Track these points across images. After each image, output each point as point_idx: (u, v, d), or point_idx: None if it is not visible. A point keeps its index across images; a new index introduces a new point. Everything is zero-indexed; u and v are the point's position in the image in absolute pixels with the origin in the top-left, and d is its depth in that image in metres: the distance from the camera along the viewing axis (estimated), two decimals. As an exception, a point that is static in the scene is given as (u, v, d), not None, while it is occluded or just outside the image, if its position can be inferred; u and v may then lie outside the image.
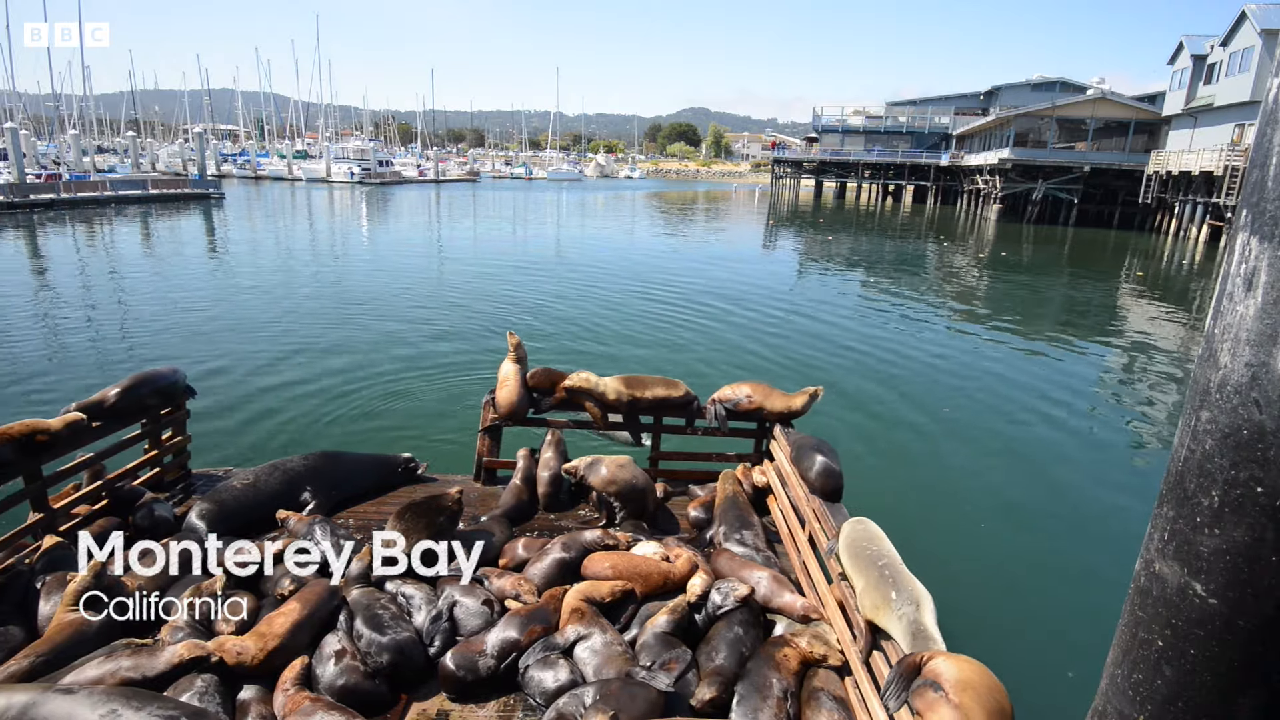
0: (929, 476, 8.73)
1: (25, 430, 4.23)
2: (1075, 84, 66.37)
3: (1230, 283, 1.43)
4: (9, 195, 36.70)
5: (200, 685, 3.24)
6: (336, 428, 9.36)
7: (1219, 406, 1.42)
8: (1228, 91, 37.59)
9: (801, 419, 5.93)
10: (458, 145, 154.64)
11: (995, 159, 52.03)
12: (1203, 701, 1.51)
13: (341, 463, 5.66)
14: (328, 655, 3.52)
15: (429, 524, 4.35)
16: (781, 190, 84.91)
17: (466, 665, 3.54)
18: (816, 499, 4.55)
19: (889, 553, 3.50)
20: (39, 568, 4.05)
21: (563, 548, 4.46)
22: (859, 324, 16.93)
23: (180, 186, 50.01)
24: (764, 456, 6.05)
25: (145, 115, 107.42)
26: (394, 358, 12.58)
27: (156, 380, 5.25)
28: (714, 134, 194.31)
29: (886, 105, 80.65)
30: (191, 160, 73.72)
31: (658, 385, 5.98)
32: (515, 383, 5.87)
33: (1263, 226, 1.35)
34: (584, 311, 16.90)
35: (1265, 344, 1.33)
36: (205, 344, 13.14)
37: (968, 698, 2.59)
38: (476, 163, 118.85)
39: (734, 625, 3.75)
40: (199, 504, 4.86)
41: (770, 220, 50.89)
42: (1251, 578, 1.39)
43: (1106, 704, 1.74)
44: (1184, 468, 1.51)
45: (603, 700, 3.16)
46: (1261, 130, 1.39)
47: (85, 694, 2.93)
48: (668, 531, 5.25)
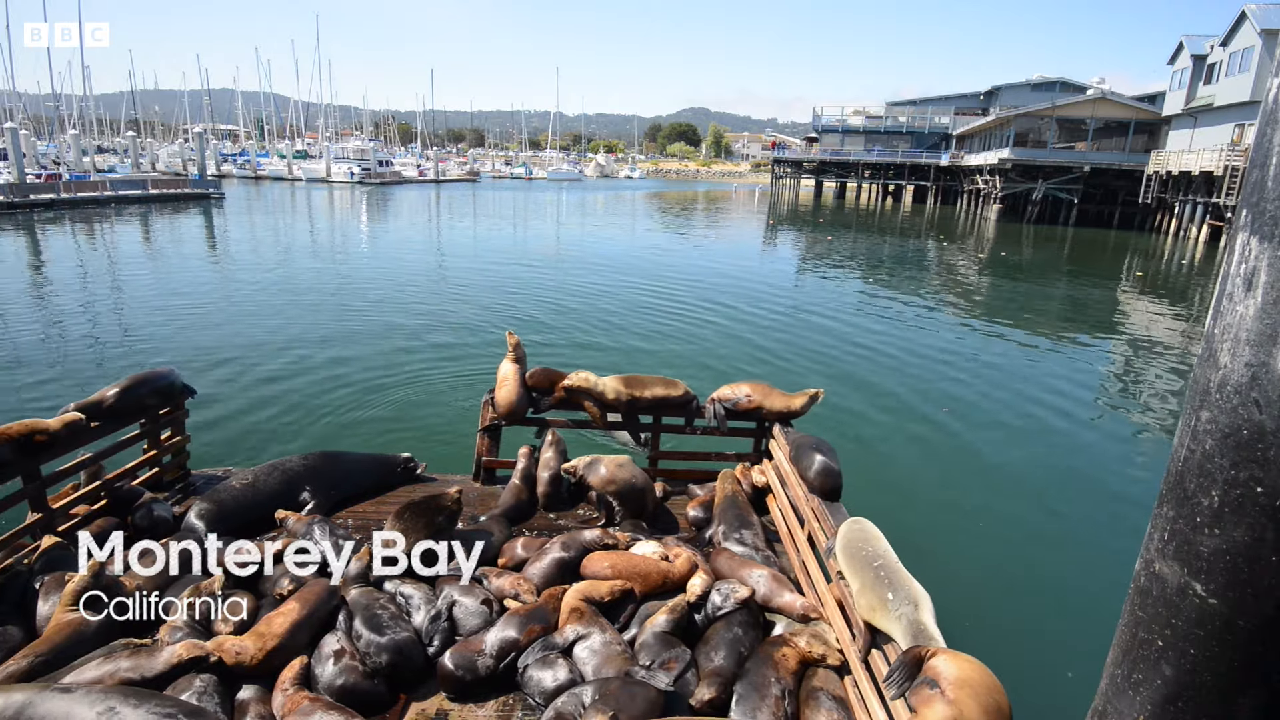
0: (929, 476, 8.72)
1: (24, 430, 4.22)
2: (1075, 84, 66.36)
3: (1230, 283, 1.43)
4: (9, 195, 36.69)
5: (199, 685, 3.23)
6: (335, 427, 9.36)
7: (1219, 406, 1.42)
8: (1228, 91, 37.59)
9: (801, 418, 5.93)
10: (458, 145, 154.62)
11: (995, 159, 52.03)
12: (1203, 701, 1.51)
13: (340, 462, 5.66)
14: (327, 655, 3.52)
15: (428, 523, 4.34)
16: (781, 190, 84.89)
17: (465, 665, 3.54)
18: (815, 498, 4.55)
19: (885, 553, 3.48)
20: (38, 568, 4.05)
21: (562, 547, 4.46)
22: (858, 323, 16.93)
23: (180, 186, 49.98)
24: (763, 456, 6.05)
25: (145, 115, 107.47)
26: (393, 357, 12.57)
27: (154, 380, 5.24)
28: (714, 134, 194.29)
29: (886, 105, 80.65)
30: (191, 160, 73.70)
31: (656, 385, 5.98)
32: (514, 382, 5.87)
33: (1263, 226, 1.35)
34: (584, 311, 16.89)
35: (1265, 344, 1.33)
36: (204, 344, 13.14)
37: (964, 695, 2.58)
38: (476, 163, 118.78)
39: (733, 625, 3.75)
40: (198, 504, 4.86)
41: (770, 220, 50.89)
42: (1251, 578, 1.39)
43: (1106, 704, 1.74)
44: (1184, 468, 1.51)
45: (602, 700, 3.15)
46: (1261, 130, 1.39)
47: (83, 692, 2.93)
48: (667, 531, 5.25)
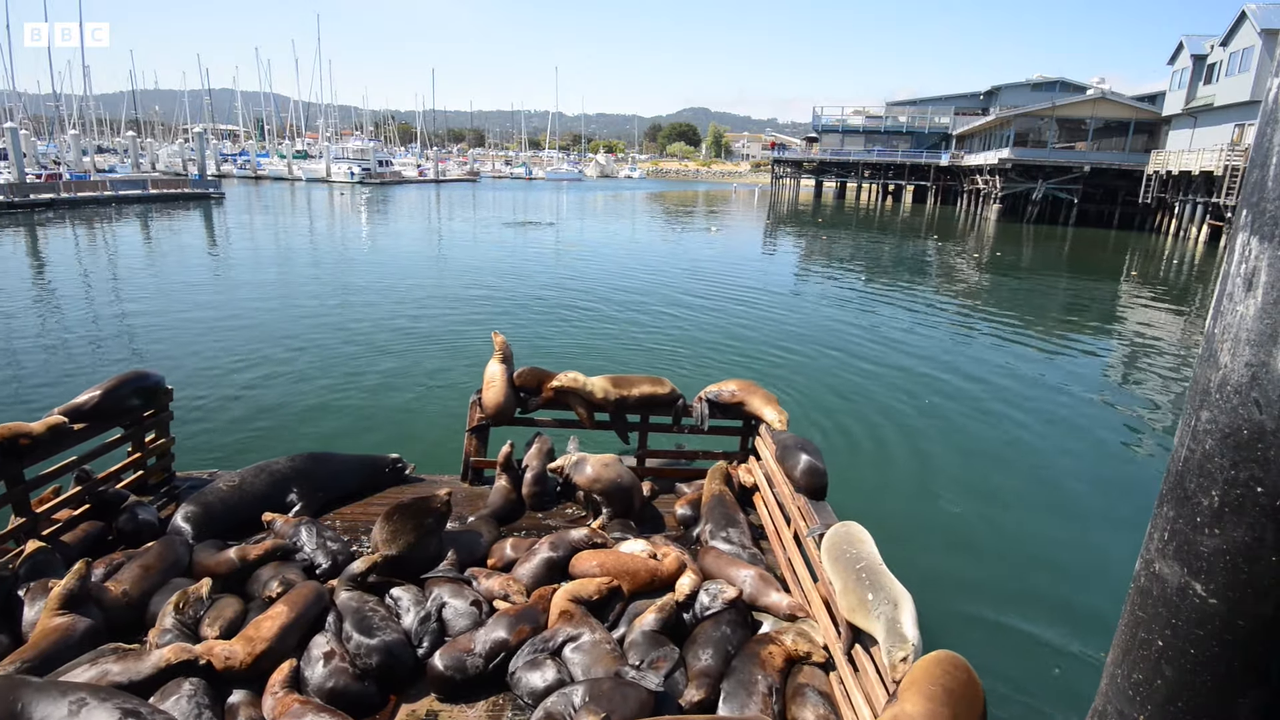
0: (922, 475, 8.69)
1: (7, 434, 4.18)
2: (1075, 84, 66.49)
3: (1230, 283, 1.43)
4: (9, 195, 36.74)
5: (188, 689, 3.20)
6: (323, 428, 9.31)
7: (1219, 406, 1.42)
8: (1228, 91, 37.65)
9: (793, 416, 5.93)
10: (458, 145, 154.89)
11: (995, 159, 52.12)
12: (1203, 701, 1.51)
13: (328, 464, 5.61)
14: (316, 657, 3.50)
15: (417, 525, 4.31)
16: (781, 190, 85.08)
17: (455, 665, 3.54)
18: (802, 497, 4.58)
19: (868, 555, 3.50)
20: (22, 573, 4.00)
21: (550, 547, 4.46)
22: (856, 323, 16.91)
23: (180, 186, 50.04)
24: (750, 454, 6.08)
25: (145, 115, 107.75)
26: (383, 357, 12.56)
27: (136, 381, 5.17)
28: (714, 134, 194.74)
29: (886, 105, 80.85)
30: (191, 160, 73.85)
31: (644, 383, 6.00)
32: (501, 383, 5.84)
33: (1263, 226, 1.35)
34: (578, 311, 16.88)
35: (1265, 344, 1.33)
36: (200, 344, 13.12)
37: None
38: (476, 163, 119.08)
39: (721, 625, 3.78)
40: (184, 507, 4.80)
41: (770, 220, 50.93)
42: (1251, 578, 1.39)
43: (1106, 704, 1.75)
44: (1184, 468, 1.51)
45: (594, 700, 3.16)
46: (1261, 130, 1.39)
47: (54, 684, 2.95)
48: (655, 529, 5.27)
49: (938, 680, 2.67)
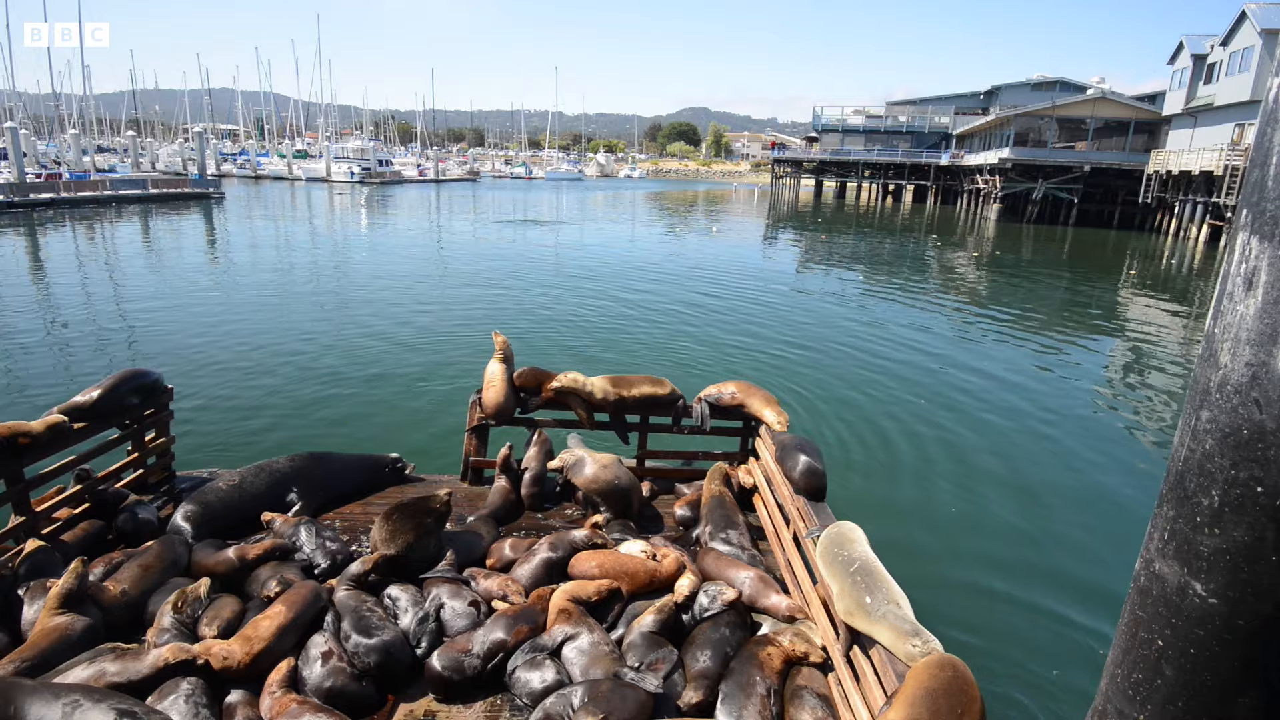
0: (921, 475, 8.68)
1: (6, 433, 4.17)
2: (1075, 84, 66.48)
3: (1230, 283, 1.44)
4: (9, 195, 36.76)
5: (186, 689, 3.19)
6: (323, 428, 9.30)
7: (1219, 406, 1.43)
8: (1228, 91, 37.64)
9: (792, 417, 5.93)
10: (458, 145, 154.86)
11: (995, 159, 52.11)
12: (1203, 701, 1.52)
13: (328, 463, 5.60)
14: (314, 657, 3.49)
15: (416, 525, 4.30)
16: (781, 190, 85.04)
17: (453, 666, 3.53)
18: (801, 498, 4.57)
19: (863, 555, 3.48)
20: (21, 572, 4.00)
21: (550, 547, 4.44)
22: (856, 323, 16.90)
23: (180, 186, 50.04)
24: (750, 455, 6.07)
25: (145, 115, 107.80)
26: (383, 357, 12.55)
27: (136, 380, 5.16)
28: (714, 133, 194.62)
29: (886, 105, 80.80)
30: (191, 160, 73.86)
31: (644, 383, 5.99)
32: (501, 383, 5.83)
33: (1263, 226, 1.36)
34: (578, 311, 16.88)
35: (1265, 344, 1.34)
36: (199, 343, 13.11)
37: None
38: (476, 162, 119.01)
39: (720, 626, 3.77)
40: (184, 506, 4.79)
41: (770, 220, 50.90)
42: (1251, 578, 1.40)
43: (1106, 704, 1.76)
44: (1184, 468, 1.52)
45: (592, 701, 3.16)
46: (1261, 130, 1.40)
47: (48, 685, 2.95)
48: (654, 530, 5.26)
49: (923, 683, 2.69)
